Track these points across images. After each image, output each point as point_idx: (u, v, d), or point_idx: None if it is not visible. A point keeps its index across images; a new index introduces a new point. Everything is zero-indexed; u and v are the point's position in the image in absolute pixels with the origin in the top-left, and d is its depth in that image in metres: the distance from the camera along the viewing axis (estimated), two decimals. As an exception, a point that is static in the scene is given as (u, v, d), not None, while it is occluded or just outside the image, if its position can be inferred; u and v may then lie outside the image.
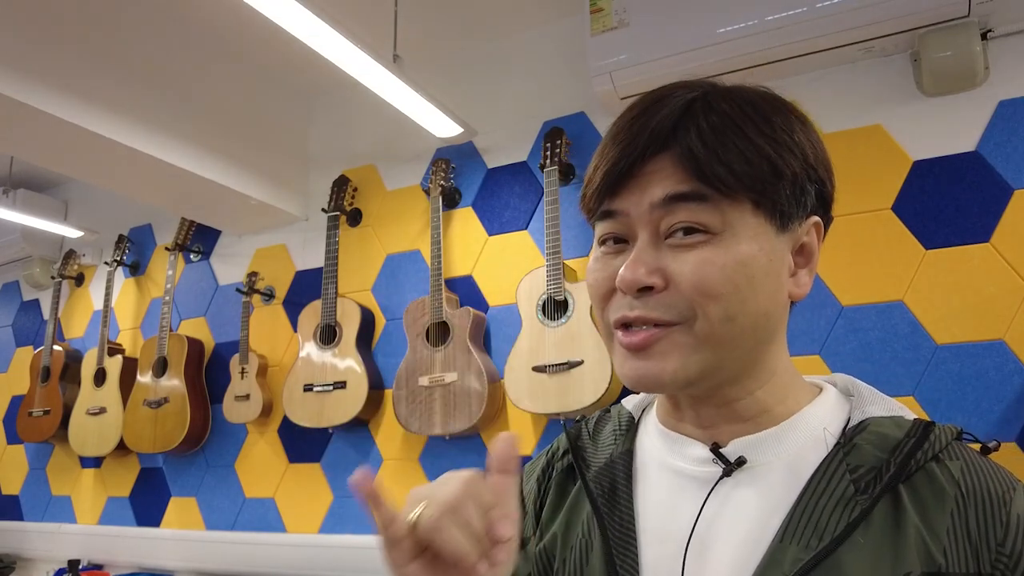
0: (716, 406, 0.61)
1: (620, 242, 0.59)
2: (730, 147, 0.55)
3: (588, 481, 0.67)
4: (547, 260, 2.00)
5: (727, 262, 0.55)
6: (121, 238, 2.99)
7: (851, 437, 0.57)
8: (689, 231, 0.55)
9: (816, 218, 0.60)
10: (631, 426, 0.70)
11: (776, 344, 0.61)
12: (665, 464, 0.64)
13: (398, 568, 0.50)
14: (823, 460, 0.57)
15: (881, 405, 0.60)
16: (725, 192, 0.54)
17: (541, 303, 2.02)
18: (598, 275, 0.60)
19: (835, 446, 0.57)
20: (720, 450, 0.60)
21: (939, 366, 1.68)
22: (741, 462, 0.59)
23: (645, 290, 0.56)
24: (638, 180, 0.57)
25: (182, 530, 2.65)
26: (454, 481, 0.50)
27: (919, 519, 0.52)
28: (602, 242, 0.61)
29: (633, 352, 0.57)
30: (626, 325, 0.57)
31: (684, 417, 0.63)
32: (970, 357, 1.65)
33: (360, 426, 2.36)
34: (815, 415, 0.60)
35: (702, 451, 0.61)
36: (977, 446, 0.59)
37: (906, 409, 0.61)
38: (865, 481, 0.55)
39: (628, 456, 0.67)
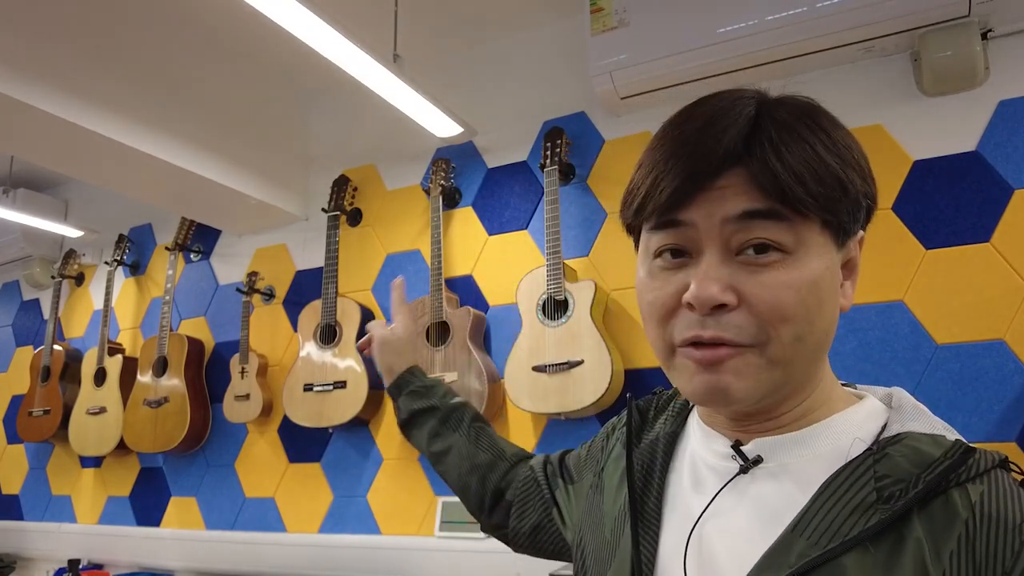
0: (761, 417, 0.61)
1: (679, 255, 0.57)
2: (803, 164, 0.54)
3: (633, 457, 0.71)
4: (547, 260, 2.00)
5: (802, 284, 0.54)
6: (121, 238, 2.99)
7: (884, 446, 0.56)
8: (761, 249, 0.54)
9: (863, 232, 0.61)
10: (684, 409, 0.73)
11: (825, 355, 0.61)
12: (696, 453, 0.66)
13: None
14: (849, 462, 0.56)
15: (924, 422, 0.58)
16: (802, 211, 0.54)
17: (541, 303, 2.02)
18: (659, 292, 0.58)
19: (866, 452, 0.56)
20: (741, 447, 0.61)
21: (939, 366, 1.68)
22: (757, 461, 0.59)
23: (718, 308, 0.55)
24: (708, 194, 0.55)
25: (182, 530, 2.65)
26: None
27: (927, 541, 0.51)
28: (657, 254, 0.59)
29: (705, 366, 0.56)
30: (695, 343, 0.56)
31: (718, 415, 0.64)
32: (970, 357, 1.65)
33: (360, 426, 2.36)
34: (846, 422, 0.60)
35: (725, 447, 0.62)
36: (1021, 477, 0.56)
37: (952, 430, 0.59)
38: (889, 492, 0.53)
39: (673, 438, 0.70)
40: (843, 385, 0.66)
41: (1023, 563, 0.49)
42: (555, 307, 1.99)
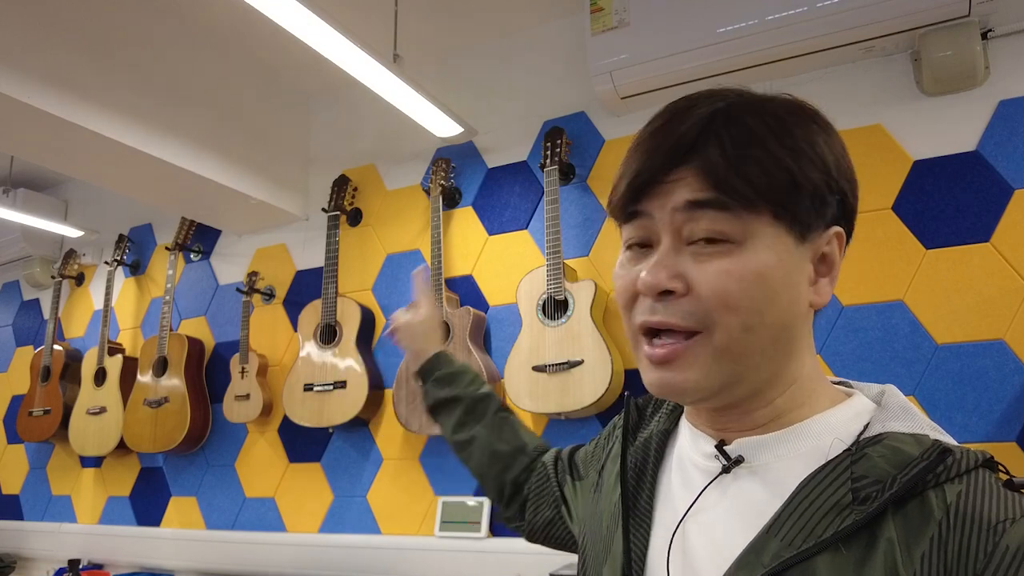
0: (735, 414, 0.62)
1: (644, 247, 0.61)
2: (750, 159, 0.56)
3: (628, 455, 0.72)
4: (547, 260, 2.01)
5: (745, 273, 0.56)
6: (121, 238, 2.99)
7: (863, 446, 0.56)
8: (710, 241, 0.56)
9: (838, 228, 0.61)
10: (678, 407, 0.74)
11: (798, 352, 0.61)
12: (684, 452, 0.68)
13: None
14: (826, 463, 0.56)
15: (907, 422, 0.58)
16: (744, 203, 0.55)
17: (541, 303, 2.02)
18: (623, 280, 0.62)
19: (843, 452, 0.56)
20: (725, 447, 0.62)
21: (939, 366, 1.68)
22: (738, 461, 0.60)
23: (666, 294, 0.57)
24: (662, 187, 0.58)
25: (182, 530, 2.65)
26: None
27: (899, 542, 0.51)
28: (628, 247, 0.62)
29: (656, 363, 0.59)
30: (650, 333, 0.59)
31: (701, 416, 0.66)
32: (970, 357, 1.65)
33: (360, 426, 2.36)
34: (828, 421, 0.60)
35: (710, 447, 0.63)
36: (1006, 477, 0.55)
37: (938, 429, 0.58)
38: (865, 493, 0.53)
39: (665, 436, 0.72)
40: (836, 383, 0.66)
41: (996, 563, 0.47)
42: (555, 307, 1.99)
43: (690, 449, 0.66)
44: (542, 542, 0.94)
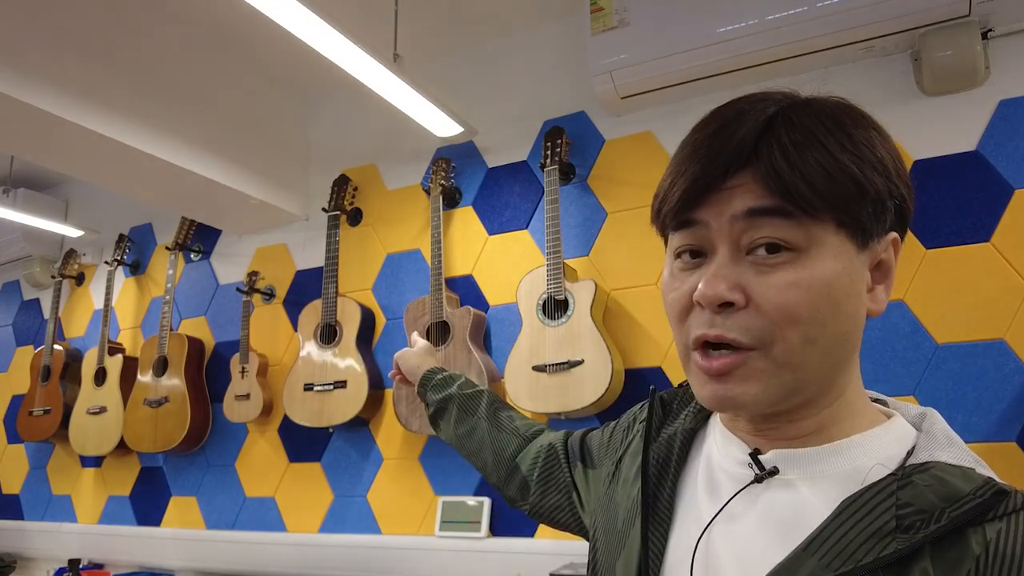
0: (780, 421, 0.60)
1: (697, 256, 0.58)
2: (813, 164, 0.54)
3: (650, 452, 0.71)
4: (547, 259, 2.01)
5: (812, 284, 0.54)
6: (121, 237, 2.99)
7: (910, 473, 0.54)
8: (772, 249, 0.55)
9: (895, 234, 0.59)
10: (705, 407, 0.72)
11: (851, 363, 0.60)
12: (713, 456, 0.66)
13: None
14: (871, 486, 0.55)
15: (954, 453, 0.56)
16: (808, 210, 0.53)
17: (541, 302, 2.02)
18: (676, 292, 0.59)
19: (888, 476, 0.55)
20: (759, 457, 0.60)
21: (939, 366, 1.68)
22: (773, 472, 0.59)
23: (725, 306, 0.55)
24: (719, 194, 0.56)
25: (182, 529, 2.65)
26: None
27: (933, 575, 0.50)
28: (677, 255, 0.60)
29: (712, 376, 0.57)
30: (705, 345, 0.57)
31: (740, 421, 0.64)
32: (970, 357, 1.65)
33: (360, 425, 2.37)
34: (870, 443, 0.58)
35: (743, 454, 0.62)
36: None
37: (982, 463, 0.56)
38: (909, 521, 0.51)
39: (691, 435, 0.70)
40: (873, 399, 0.65)
41: None
42: (555, 307, 1.99)
43: (720, 453, 0.65)
44: (548, 524, 0.95)
